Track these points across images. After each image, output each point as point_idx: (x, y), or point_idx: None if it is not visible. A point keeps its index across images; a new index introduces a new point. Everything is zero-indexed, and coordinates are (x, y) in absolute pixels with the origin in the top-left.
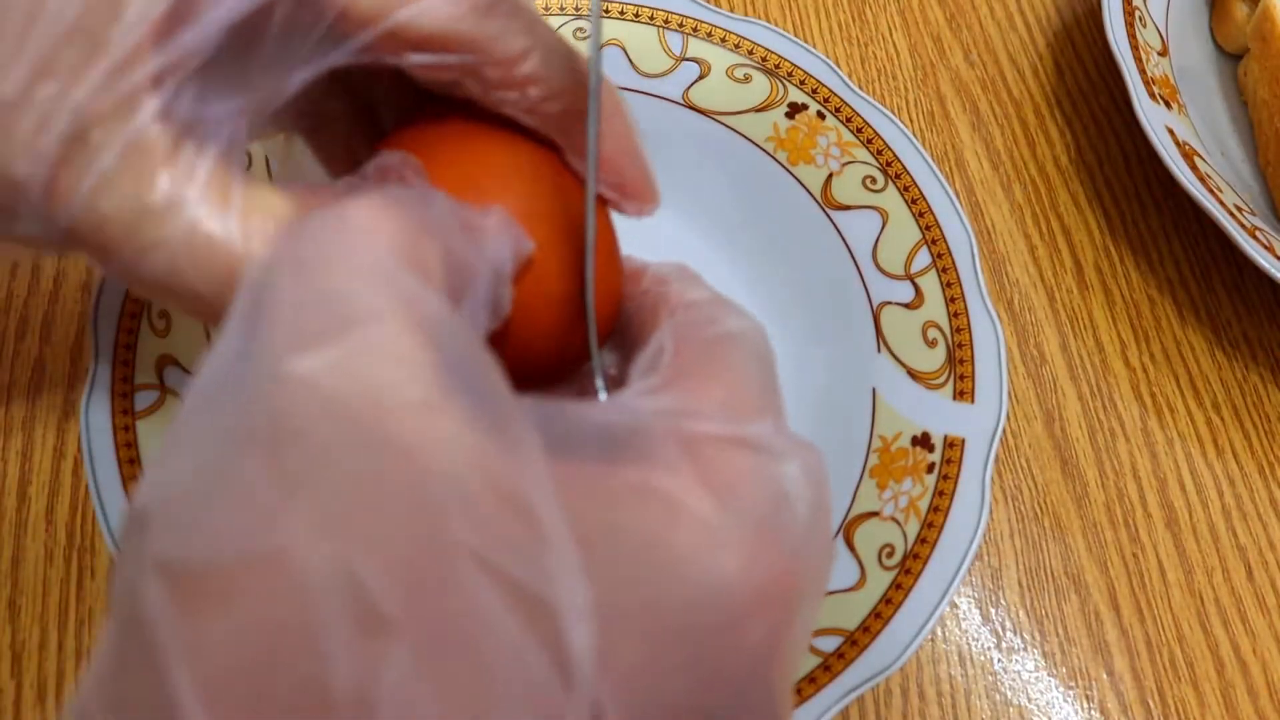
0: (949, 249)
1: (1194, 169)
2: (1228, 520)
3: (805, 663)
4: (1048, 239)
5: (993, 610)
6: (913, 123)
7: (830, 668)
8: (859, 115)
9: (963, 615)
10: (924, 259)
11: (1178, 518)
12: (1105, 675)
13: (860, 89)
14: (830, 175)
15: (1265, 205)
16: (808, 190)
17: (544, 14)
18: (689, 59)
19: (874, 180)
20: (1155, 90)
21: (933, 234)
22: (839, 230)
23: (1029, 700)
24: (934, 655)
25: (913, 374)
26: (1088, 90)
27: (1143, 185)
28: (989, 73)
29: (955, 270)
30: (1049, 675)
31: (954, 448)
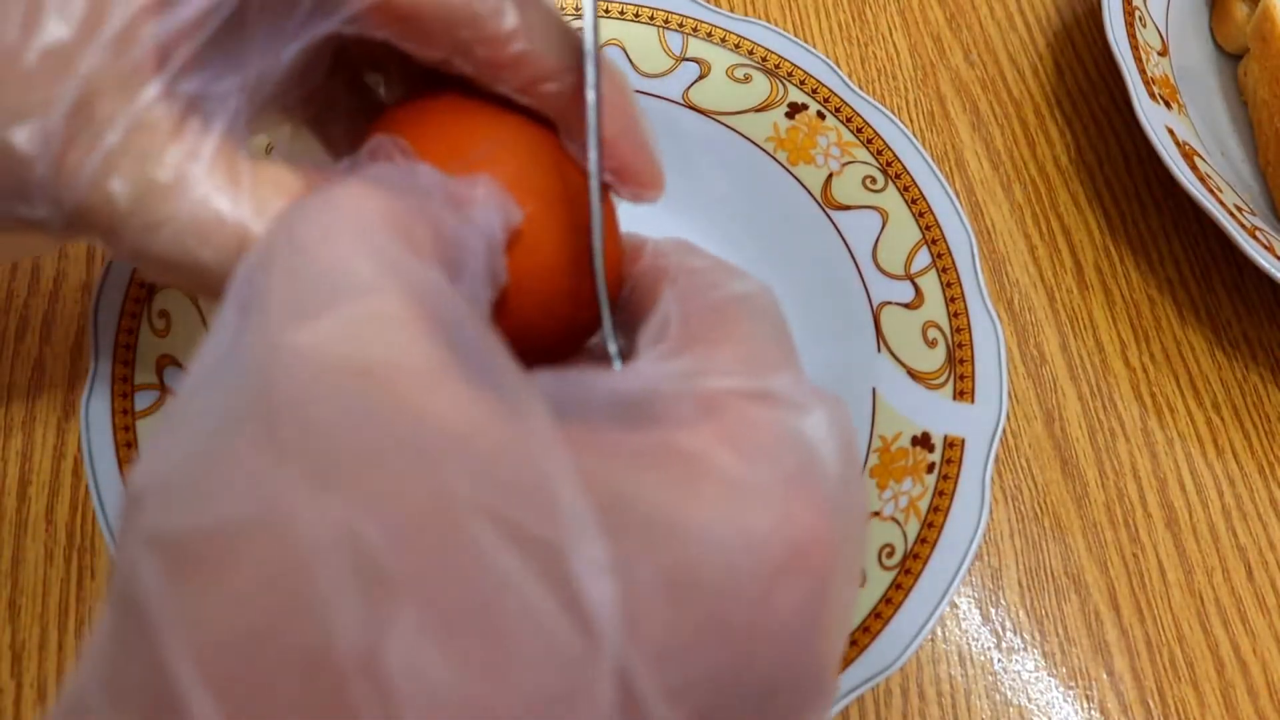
0: (949, 249)
1: (1194, 169)
2: (1228, 520)
3: None
4: (1048, 239)
5: (993, 610)
6: (913, 123)
7: None
8: (859, 115)
9: (963, 615)
10: (924, 259)
11: (1178, 518)
12: (1105, 675)
13: (860, 89)
14: (830, 175)
15: (1265, 205)
16: (808, 190)
17: None
18: (689, 59)
19: (874, 180)
20: (1155, 90)
21: (933, 234)
22: (839, 230)
23: (1029, 700)
24: (934, 655)
25: (913, 374)
26: (1088, 90)
27: (1143, 185)
28: (989, 73)
29: (955, 270)
30: (1049, 675)
31: (954, 448)
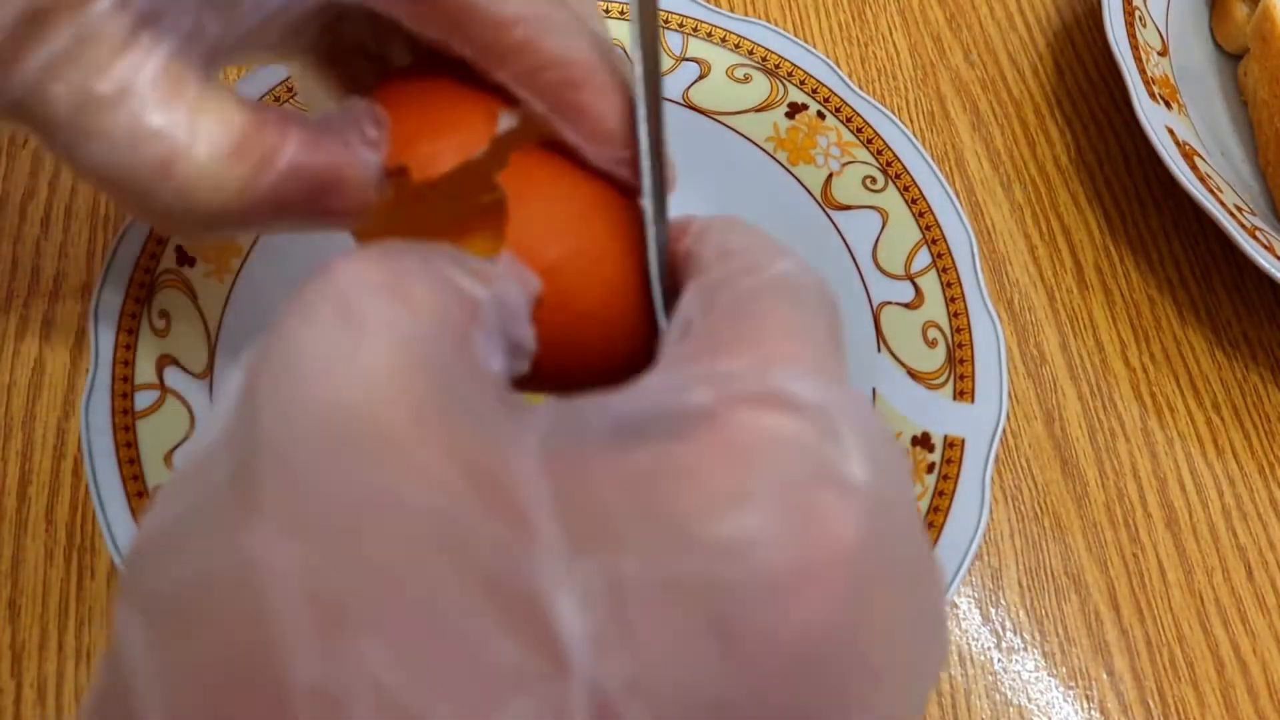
0: (949, 249)
1: (1194, 169)
2: (1228, 520)
3: None
4: (1048, 239)
5: (993, 610)
6: (913, 123)
7: None
8: (859, 115)
9: (963, 615)
10: (924, 259)
11: (1178, 518)
12: (1105, 675)
13: (860, 89)
14: (830, 175)
15: (1265, 205)
16: (808, 190)
17: None
18: (689, 59)
19: (874, 180)
20: (1155, 90)
21: (933, 234)
22: (839, 230)
23: (1029, 700)
24: None
25: (913, 374)
26: (1088, 90)
27: (1143, 185)
28: (989, 73)
29: (955, 270)
30: (1049, 675)
31: (954, 448)
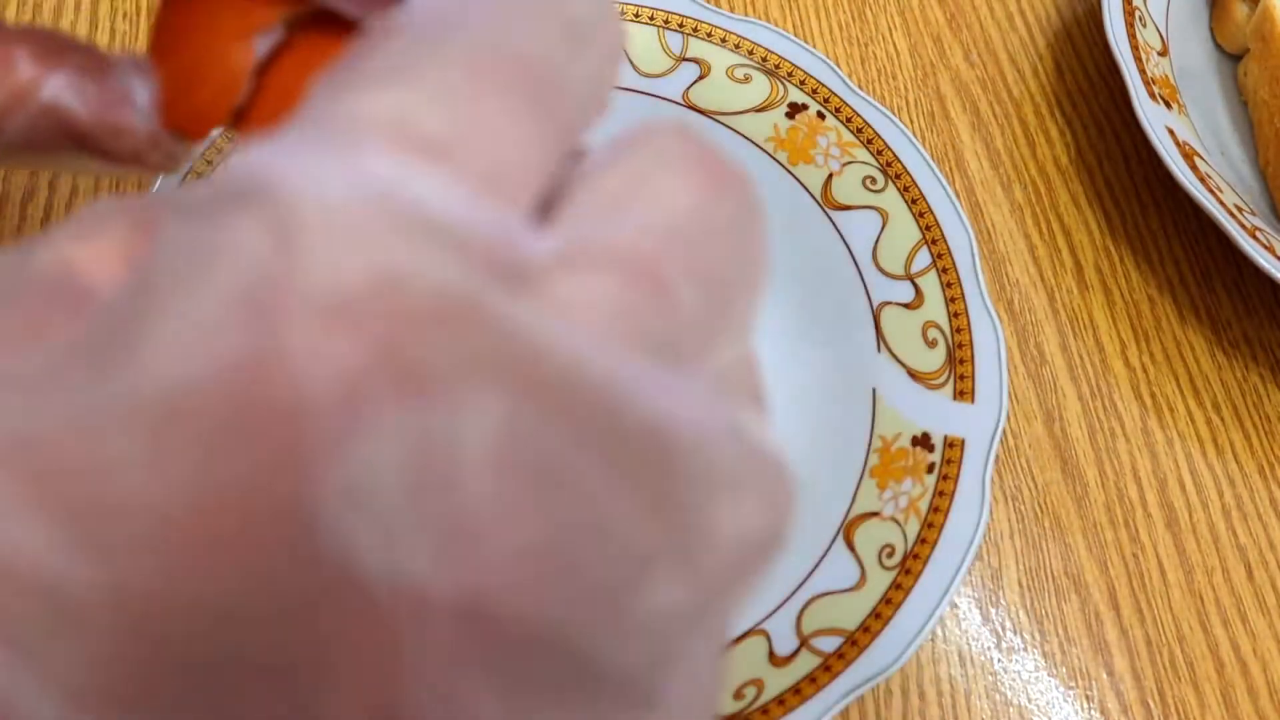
0: (949, 249)
1: (1194, 169)
2: (1228, 520)
3: (805, 662)
4: (1048, 239)
5: (993, 610)
6: (913, 123)
7: (830, 668)
8: (859, 115)
9: (963, 615)
10: (924, 259)
11: (1178, 518)
12: (1105, 675)
13: (860, 89)
14: (830, 175)
15: (1265, 205)
16: (808, 190)
17: None
18: (689, 59)
19: (874, 180)
20: (1155, 90)
21: (933, 234)
22: (839, 230)
23: (1029, 700)
24: (934, 655)
25: (913, 374)
26: (1088, 90)
27: (1143, 185)
28: (989, 73)
29: (955, 270)
30: (1049, 675)
31: (954, 448)
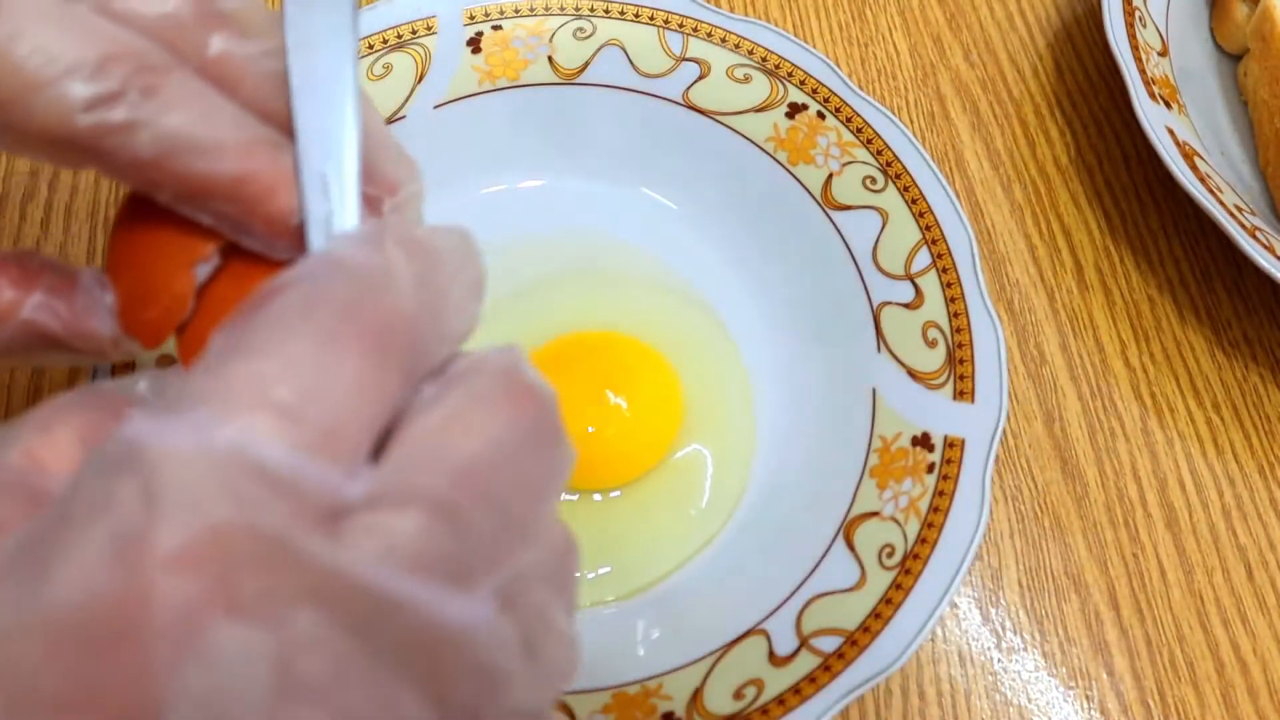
0: (949, 249)
1: (1194, 169)
2: (1228, 520)
3: (805, 662)
4: (1048, 239)
5: (993, 610)
6: (913, 123)
7: (830, 668)
8: (859, 115)
9: (963, 615)
10: (924, 259)
11: (1178, 518)
12: (1105, 675)
13: (860, 89)
14: (830, 175)
15: (1265, 205)
16: (808, 190)
17: (544, 13)
18: (689, 59)
19: (874, 180)
20: (1155, 90)
21: (933, 234)
22: (839, 230)
23: (1029, 700)
24: (934, 655)
25: (913, 374)
26: (1088, 90)
27: (1143, 185)
28: (989, 73)
29: (955, 270)
30: (1049, 675)
31: (954, 448)
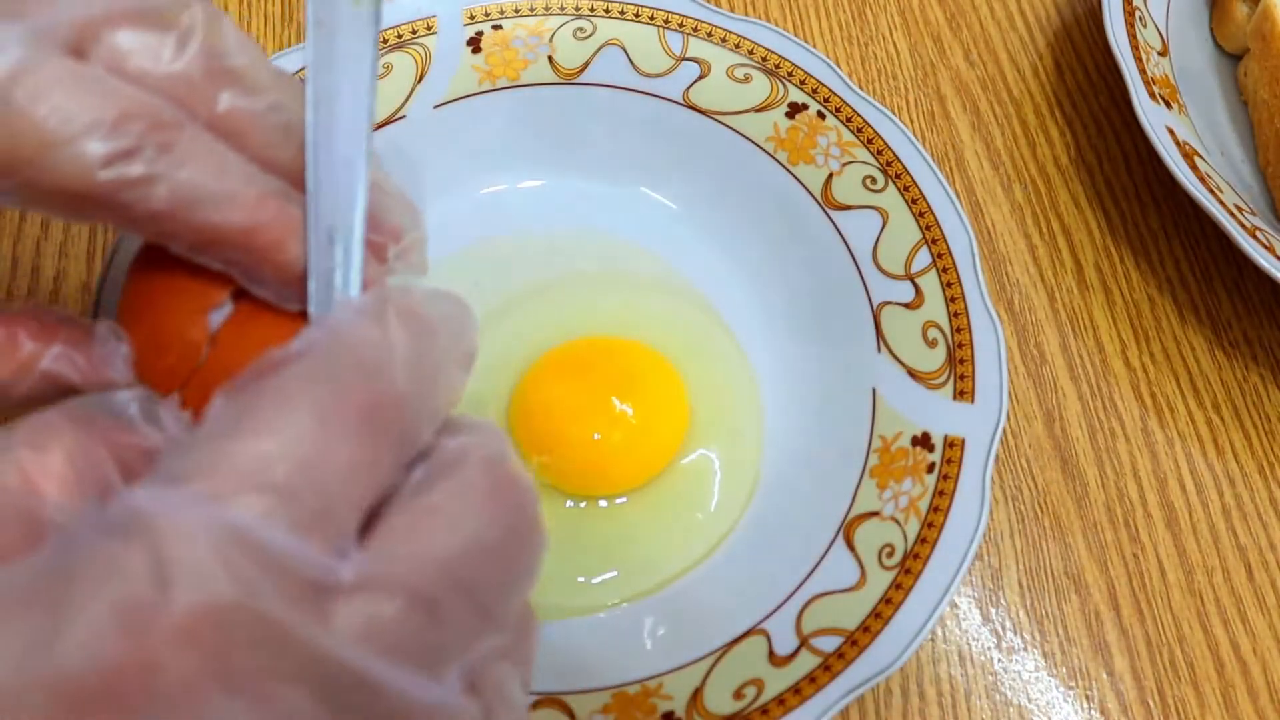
0: (949, 249)
1: (1194, 169)
2: (1228, 520)
3: (805, 662)
4: (1048, 239)
5: (993, 610)
6: (913, 123)
7: (830, 668)
8: (859, 115)
9: (963, 615)
10: (924, 259)
11: (1178, 518)
12: (1105, 675)
13: (860, 89)
14: (830, 175)
15: (1265, 205)
16: (808, 190)
17: (544, 13)
18: (689, 59)
19: (874, 180)
20: (1155, 90)
21: (933, 234)
22: (839, 230)
23: (1029, 700)
24: (934, 655)
25: (913, 374)
26: (1088, 90)
27: (1143, 185)
28: (989, 73)
29: (955, 270)
30: (1049, 675)
31: (954, 448)
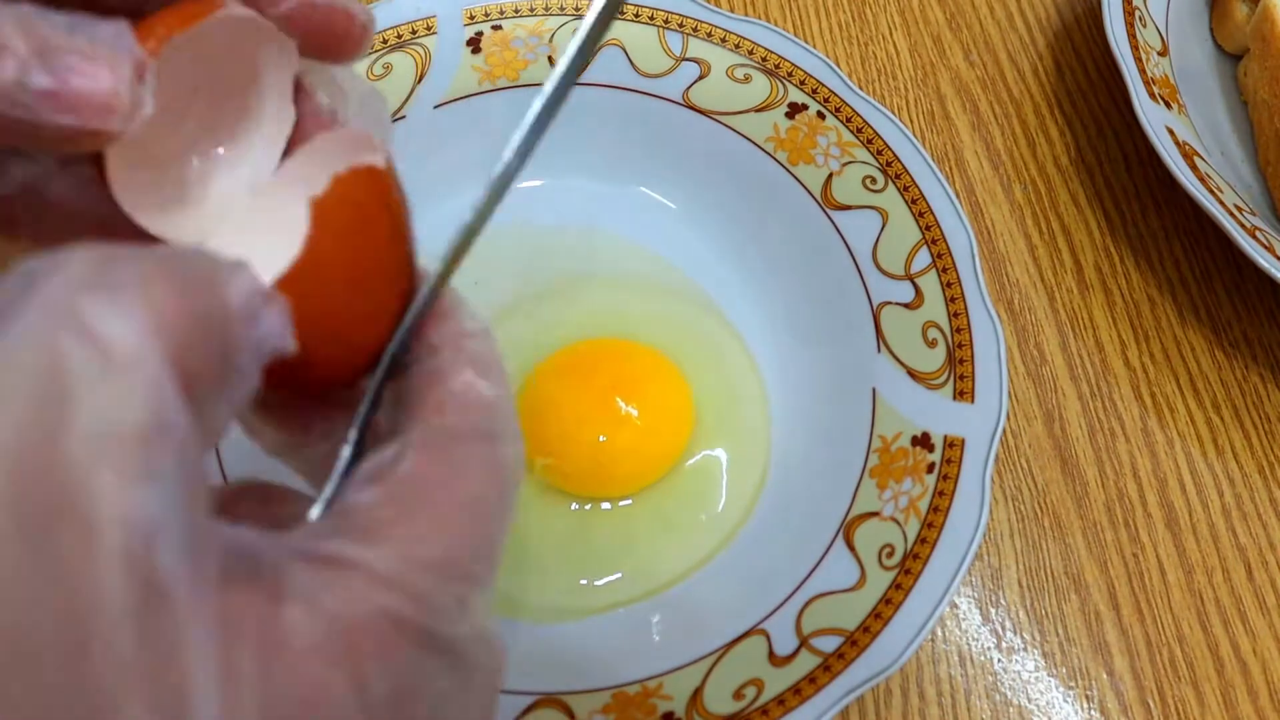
0: (949, 249)
1: (1194, 169)
2: (1228, 520)
3: (805, 662)
4: (1048, 239)
5: (993, 610)
6: (913, 123)
7: (830, 668)
8: (859, 115)
9: (963, 615)
10: (924, 259)
11: (1178, 518)
12: (1105, 675)
13: (860, 89)
14: (830, 175)
15: (1265, 205)
16: (808, 190)
17: (544, 13)
18: (689, 59)
19: (874, 180)
20: (1155, 90)
21: (933, 234)
22: (839, 230)
23: (1029, 700)
24: (934, 655)
25: (913, 374)
26: (1088, 90)
27: (1143, 185)
28: (989, 73)
29: (955, 270)
30: (1049, 675)
31: (954, 448)
